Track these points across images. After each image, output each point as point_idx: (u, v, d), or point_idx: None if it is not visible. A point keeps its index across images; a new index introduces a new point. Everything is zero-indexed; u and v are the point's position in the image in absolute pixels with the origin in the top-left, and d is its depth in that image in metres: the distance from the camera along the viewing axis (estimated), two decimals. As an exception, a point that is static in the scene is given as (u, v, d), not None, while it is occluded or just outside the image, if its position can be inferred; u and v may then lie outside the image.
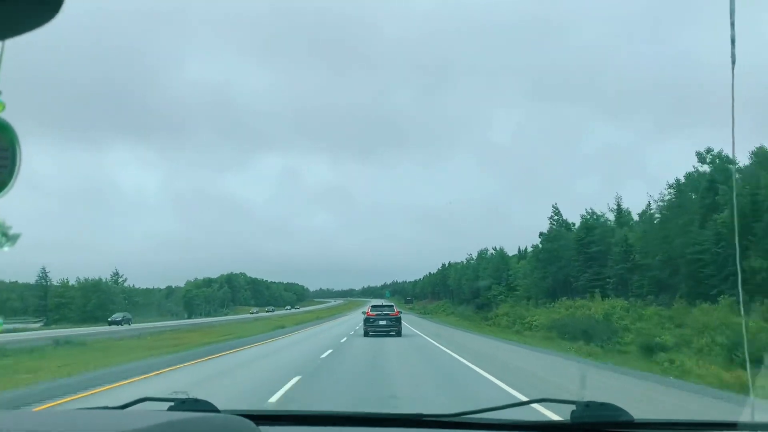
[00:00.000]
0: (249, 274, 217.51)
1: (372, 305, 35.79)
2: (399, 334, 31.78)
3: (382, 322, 32.21)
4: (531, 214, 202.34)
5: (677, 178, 44.49)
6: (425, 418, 2.11)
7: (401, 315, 34.99)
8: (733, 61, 1.78)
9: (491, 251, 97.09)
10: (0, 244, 0.79)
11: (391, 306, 35.10)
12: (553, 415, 7.70)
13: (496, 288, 78.97)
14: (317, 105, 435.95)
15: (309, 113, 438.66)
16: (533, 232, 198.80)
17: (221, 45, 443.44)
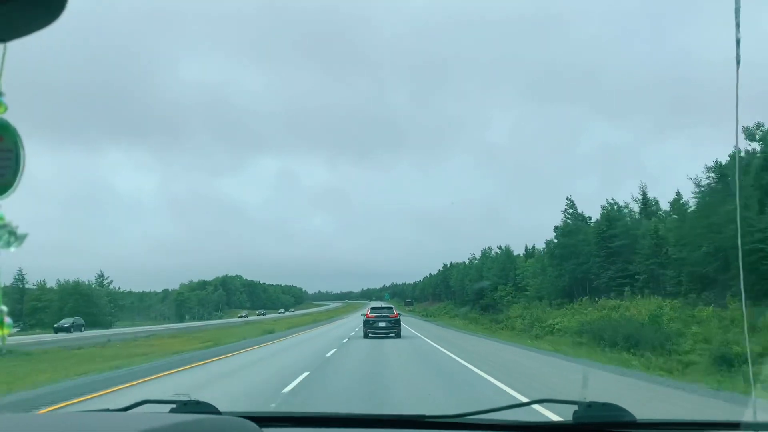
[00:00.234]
0: (247, 277, 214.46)
1: (371, 307, 35.80)
2: (398, 335, 32.13)
3: (381, 323, 32.43)
4: (531, 214, 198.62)
5: (716, 160, 40.08)
6: (427, 419, 2.13)
7: (401, 317, 35.55)
8: (738, 62, 1.75)
9: (496, 250, 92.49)
10: (7, 244, 0.78)
11: (391, 308, 35.12)
12: (555, 416, 7.19)
13: (502, 288, 75.17)
14: (314, 106, 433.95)
15: (305, 115, 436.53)
16: (534, 232, 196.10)
17: (216, 46, 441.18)
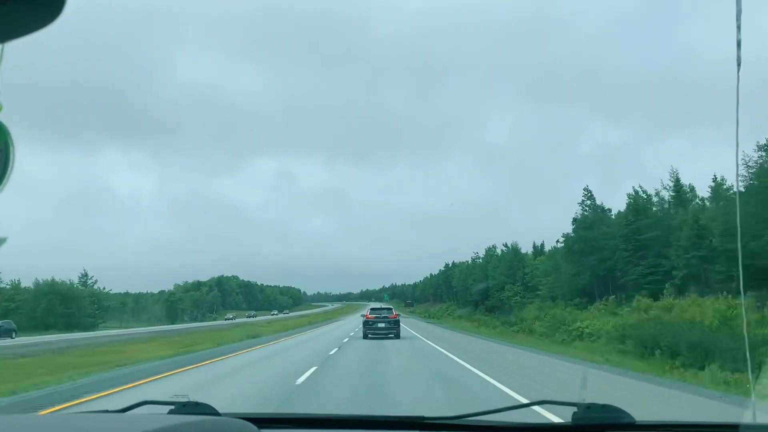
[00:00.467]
0: (246, 278, 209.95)
1: (371, 308, 36.16)
2: (397, 336, 32.72)
3: (380, 324, 32.69)
4: (531, 214, 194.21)
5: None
6: (426, 420, 2.09)
7: (402, 319, 36.31)
8: (739, 64, 1.72)
9: (501, 248, 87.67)
10: None
11: (390, 309, 35.43)
12: (555, 417, 7.03)
13: (510, 288, 70.49)
14: (312, 107, 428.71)
15: (304, 115, 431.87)
16: (535, 231, 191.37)
17: (215, 46, 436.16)
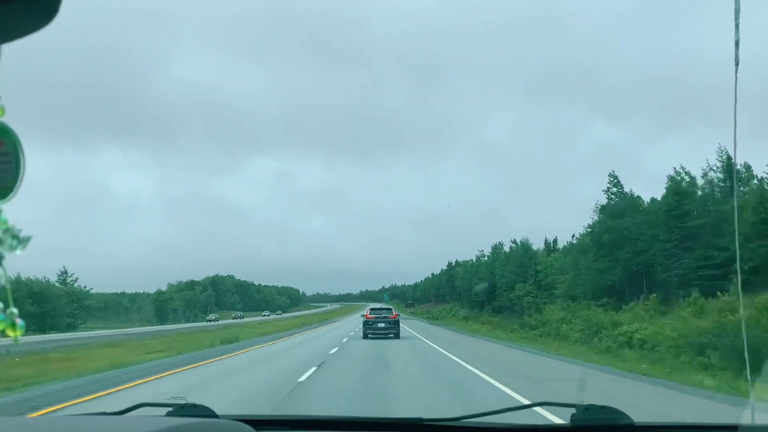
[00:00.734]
0: (244, 278, 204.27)
1: (371, 308, 36.46)
2: (397, 336, 32.84)
3: (380, 324, 32.92)
4: (531, 213, 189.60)
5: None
6: (425, 422, 2.07)
7: (402, 320, 37.57)
8: (737, 64, 1.72)
9: (510, 245, 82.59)
10: (12, 247, 0.77)
11: (390, 309, 35.69)
12: (554, 419, 7.04)
13: (521, 287, 65.22)
14: (311, 106, 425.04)
15: (303, 115, 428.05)
16: (535, 231, 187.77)
17: (213, 46, 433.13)
